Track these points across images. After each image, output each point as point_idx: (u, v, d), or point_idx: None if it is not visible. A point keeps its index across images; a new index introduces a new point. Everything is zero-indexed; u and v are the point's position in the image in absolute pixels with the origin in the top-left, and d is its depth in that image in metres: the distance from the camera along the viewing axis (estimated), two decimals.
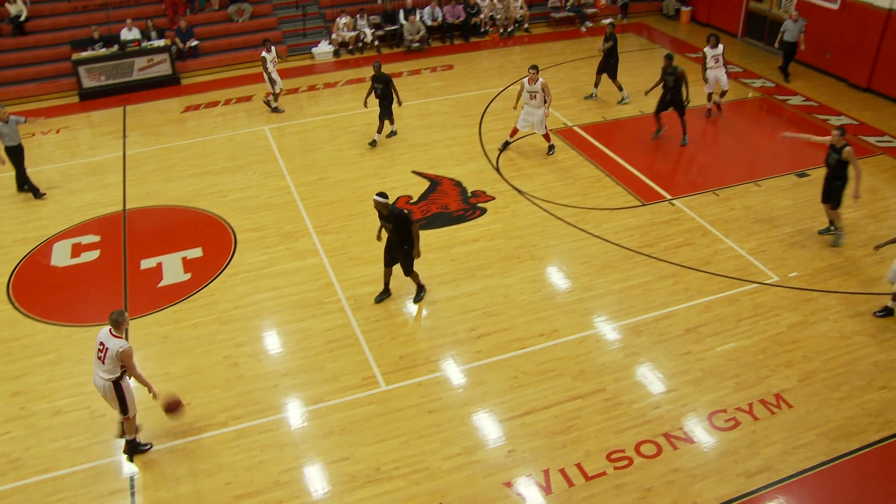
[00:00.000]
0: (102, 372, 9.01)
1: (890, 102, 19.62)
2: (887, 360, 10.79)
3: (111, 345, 8.89)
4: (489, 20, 25.50)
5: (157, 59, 21.56)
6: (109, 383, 9.01)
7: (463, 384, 10.52)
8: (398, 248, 11.65)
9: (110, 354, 8.87)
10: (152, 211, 15.12)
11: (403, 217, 11.38)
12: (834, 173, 13.03)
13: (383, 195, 11.27)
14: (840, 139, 12.79)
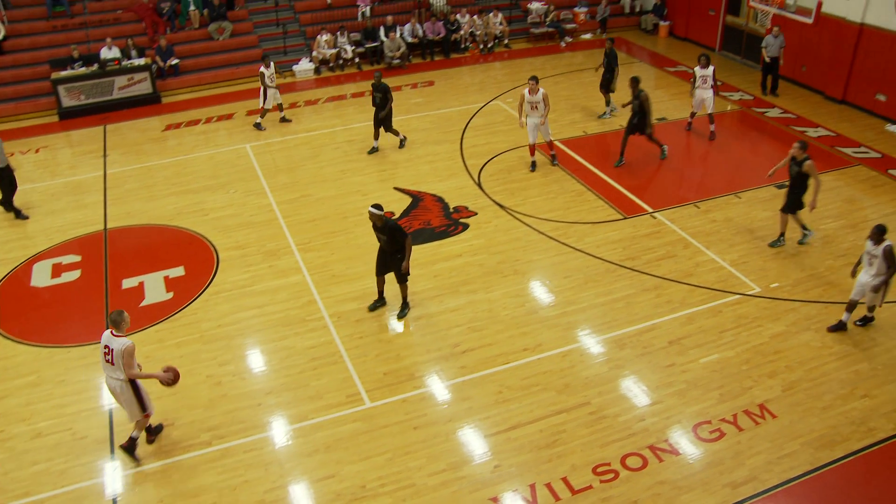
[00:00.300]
0: (115, 373, 9.15)
1: (864, 114, 19.87)
2: (868, 369, 10.87)
3: (115, 345, 9.01)
4: (469, 36, 25.63)
5: (137, 78, 21.50)
6: (125, 383, 9.17)
7: (448, 400, 10.49)
8: (392, 258, 11.73)
9: (117, 354, 9.00)
10: (133, 230, 15.04)
11: (398, 229, 11.47)
12: (795, 184, 13.32)
13: (378, 207, 11.34)
14: (801, 152, 13.04)
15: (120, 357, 9.01)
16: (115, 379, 9.20)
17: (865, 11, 19.49)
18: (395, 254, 11.68)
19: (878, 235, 10.69)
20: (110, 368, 9.17)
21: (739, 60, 24.33)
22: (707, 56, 17.83)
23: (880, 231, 10.68)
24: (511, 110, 20.30)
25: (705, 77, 17.74)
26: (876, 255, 10.77)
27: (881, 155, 17.54)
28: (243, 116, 20.45)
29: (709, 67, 17.71)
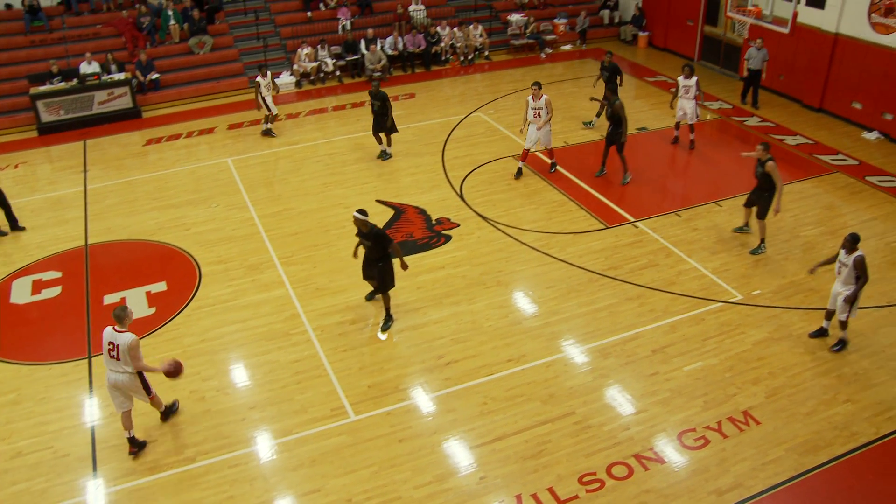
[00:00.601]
0: (121, 367, 9.44)
1: (841, 122, 20.08)
2: (851, 374, 10.95)
3: (121, 341, 9.32)
4: (449, 48, 25.71)
5: (117, 93, 21.41)
6: (132, 375, 9.51)
7: (432, 412, 10.47)
8: (374, 265, 11.81)
9: (123, 349, 9.31)
10: (115, 245, 14.95)
11: (382, 236, 11.58)
12: (761, 185, 13.62)
13: (363, 212, 11.52)
14: (764, 153, 13.36)
15: (126, 351, 9.30)
16: (122, 372, 9.47)
17: (839, 22, 19.76)
18: (377, 261, 11.76)
19: (851, 244, 10.71)
20: (116, 363, 9.43)
21: (718, 70, 24.55)
22: (691, 66, 17.81)
23: (853, 240, 10.70)
24: (493, 122, 20.37)
25: (687, 87, 17.74)
26: (846, 264, 10.81)
27: (858, 162, 17.73)
28: (224, 130, 20.41)
29: (692, 78, 17.68)
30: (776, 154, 16.96)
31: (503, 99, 22.20)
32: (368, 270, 12.07)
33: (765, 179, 13.47)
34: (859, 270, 10.68)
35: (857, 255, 10.66)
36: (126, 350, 9.30)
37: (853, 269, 10.70)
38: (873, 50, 19.04)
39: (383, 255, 11.71)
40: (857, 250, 10.70)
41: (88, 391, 11.03)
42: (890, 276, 13.35)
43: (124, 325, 9.40)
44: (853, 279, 10.78)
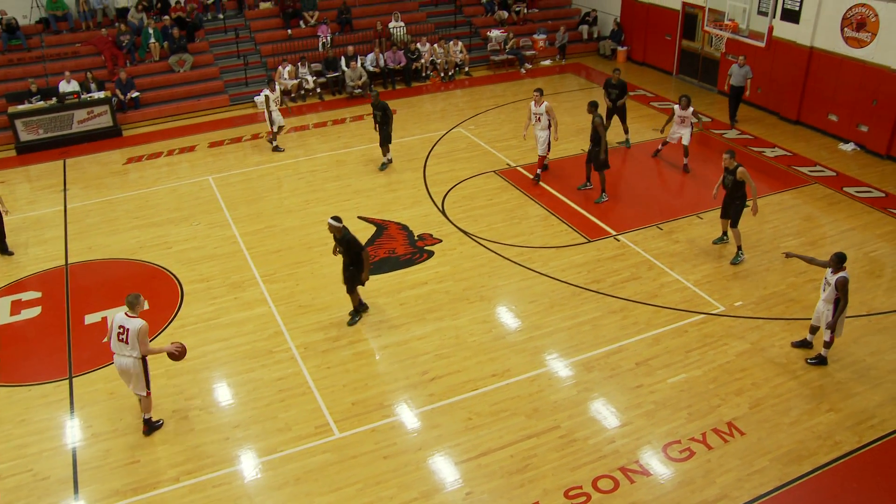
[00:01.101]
0: (127, 351, 9.82)
1: (818, 133, 20.31)
2: (832, 383, 11.02)
3: (131, 325, 9.71)
4: (430, 65, 25.82)
5: (97, 112, 21.33)
6: (137, 360, 9.85)
7: (417, 428, 10.44)
8: (346, 269, 12.30)
9: (132, 334, 9.70)
10: (96, 265, 14.85)
11: (354, 242, 11.98)
12: (732, 193, 13.71)
13: (337, 219, 11.95)
14: (731, 161, 13.50)
15: (136, 336, 9.68)
16: (129, 356, 9.84)
17: (814, 36, 20.03)
18: (349, 266, 12.21)
19: (837, 264, 10.64)
20: (124, 347, 9.81)
21: (696, 84, 24.78)
22: (688, 97, 17.47)
23: (839, 260, 10.63)
24: (474, 137, 20.45)
25: (683, 117, 17.51)
26: (830, 283, 10.80)
27: (836, 173, 17.92)
28: (205, 148, 20.36)
29: (688, 109, 17.39)
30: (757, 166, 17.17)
31: (484, 114, 22.29)
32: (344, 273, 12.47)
33: (736, 187, 13.58)
34: (840, 292, 10.65)
35: (841, 276, 10.60)
36: (135, 334, 9.68)
37: (835, 289, 10.70)
38: (847, 63, 19.30)
39: (356, 259, 12.12)
40: (843, 270, 10.65)
41: (69, 412, 10.92)
42: (869, 285, 13.47)
43: (135, 312, 9.80)
44: (833, 297, 10.78)
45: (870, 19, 18.53)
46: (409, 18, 27.26)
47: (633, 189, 17.36)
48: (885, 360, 11.55)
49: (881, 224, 15.55)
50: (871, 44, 18.64)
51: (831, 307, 10.84)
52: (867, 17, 18.60)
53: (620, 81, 19.01)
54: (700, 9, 23.13)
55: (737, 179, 13.43)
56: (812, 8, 19.87)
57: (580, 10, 29.75)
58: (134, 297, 9.87)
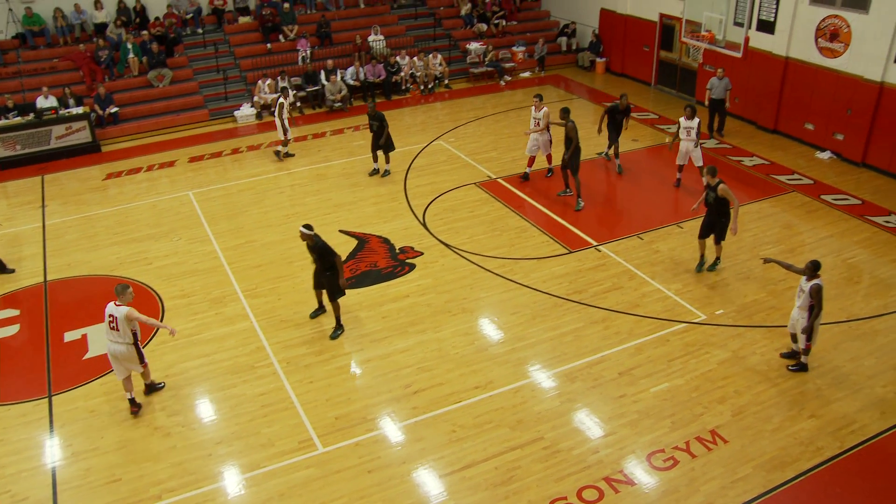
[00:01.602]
0: (119, 338, 10.48)
1: (795, 142, 20.52)
2: (813, 389, 11.10)
3: (118, 313, 10.36)
4: (409, 78, 25.87)
5: (75, 127, 21.18)
6: (129, 346, 10.56)
7: (401, 441, 10.41)
8: (323, 275, 12.48)
9: (121, 321, 10.36)
10: (75, 281, 14.73)
11: (327, 249, 12.22)
12: (716, 210, 13.58)
13: (308, 227, 12.17)
14: (712, 178, 13.41)
15: (124, 321, 10.36)
16: (120, 343, 10.51)
17: (789, 46, 20.26)
18: (325, 272, 12.39)
19: (812, 271, 10.73)
20: (115, 334, 10.48)
21: (674, 94, 24.98)
22: (693, 107, 17.16)
23: (814, 267, 10.72)
24: (454, 149, 20.49)
25: (689, 129, 17.00)
26: (804, 290, 10.87)
27: (813, 181, 18.10)
28: (185, 163, 20.28)
29: (694, 119, 16.98)
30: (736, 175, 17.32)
31: (464, 127, 22.35)
32: (318, 280, 12.67)
33: (719, 204, 13.45)
34: (814, 299, 10.74)
35: (815, 284, 10.70)
36: (123, 319, 10.33)
37: (809, 296, 10.78)
38: (822, 73, 19.53)
39: (330, 265, 12.32)
40: (817, 278, 10.75)
41: (49, 431, 10.80)
42: (847, 291, 13.60)
43: (123, 301, 10.43)
44: (807, 303, 10.86)
45: (842, 30, 18.78)
46: (388, 32, 27.32)
47: (613, 199, 17.45)
48: (864, 365, 11.65)
49: (858, 231, 15.71)
50: (845, 54, 18.88)
51: (806, 314, 10.93)
52: (840, 28, 18.84)
53: (628, 107, 18.52)
54: (677, 20, 23.35)
55: (718, 196, 13.37)
56: (787, 19, 20.11)
57: (559, 23, 29.95)
58: (122, 287, 10.50)
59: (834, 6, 18.96)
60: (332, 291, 12.50)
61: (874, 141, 18.60)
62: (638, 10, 25.83)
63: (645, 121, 22.49)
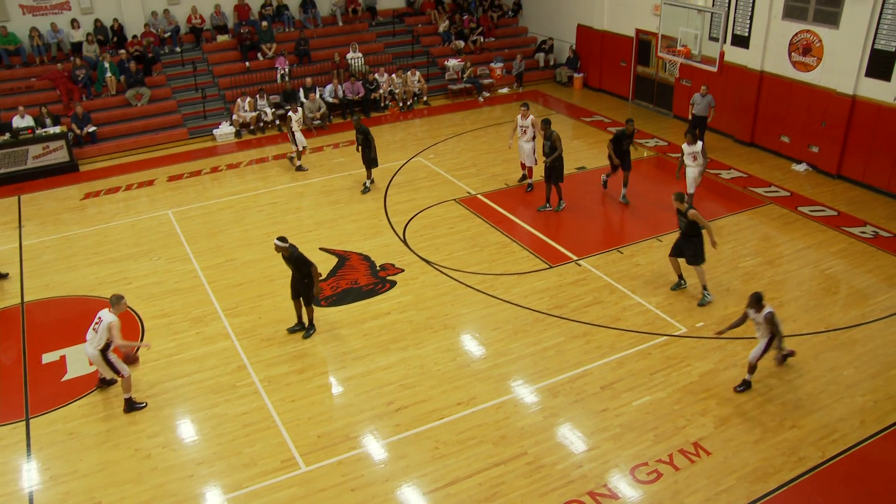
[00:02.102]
0: (94, 341, 10.86)
1: (772, 155, 20.73)
2: (794, 400, 11.17)
3: (105, 318, 10.78)
4: (388, 95, 25.92)
5: (52, 147, 21.03)
6: (97, 352, 10.87)
7: (384, 459, 10.37)
8: (300, 283, 12.75)
9: (103, 326, 10.75)
10: (53, 302, 14.60)
11: (302, 260, 12.55)
12: (688, 233, 13.45)
13: (282, 239, 12.55)
14: (682, 204, 13.27)
15: (105, 328, 10.72)
16: (92, 346, 10.90)
17: (763, 60, 20.53)
18: (302, 279, 12.70)
19: (756, 304, 10.93)
20: (92, 336, 10.91)
21: (652, 108, 25.19)
22: (694, 133, 16.36)
23: (757, 300, 10.92)
24: (433, 166, 20.54)
25: (694, 154, 16.28)
26: (759, 322, 11.06)
27: (790, 193, 18.29)
28: (164, 182, 20.19)
29: (696, 143, 16.28)
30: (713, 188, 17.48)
31: (443, 143, 22.41)
32: (296, 289, 12.91)
33: (690, 228, 13.38)
34: (771, 325, 10.92)
35: (767, 312, 10.91)
36: (106, 327, 10.70)
37: (766, 325, 10.96)
38: (796, 86, 19.78)
39: (307, 274, 12.60)
40: (766, 307, 10.95)
41: (26, 455, 10.67)
42: (826, 302, 13.72)
43: (116, 310, 10.87)
44: (767, 332, 11.05)
45: (814, 44, 19.05)
46: (366, 49, 27.38)
47: (592, 214, 17.52)
48: (843, 375, 11.75)
49: (835, 242, 15.87)
50: (818, 68, 19.14)
51: (765, 342, 11.16)
52: (812, 43, 19.11)
53: (634, 131, 17.65)
54: (653, 35, 23.56)
55: (689, 221, 13.28)
56: (760, 34, 20.37)
57: (536, 39, 30.15)
58: (117, 297, 10.98)
59: (806, 21, 19.24)
60: (308, 297, 12.87)
61: (848, 153, 18.83)
62: (614, 26, 26.06)
63: None
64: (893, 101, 17.54)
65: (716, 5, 21.33)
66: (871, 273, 14.72)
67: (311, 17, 27.91)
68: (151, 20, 25.69)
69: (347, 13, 28.63)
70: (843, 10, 18.21)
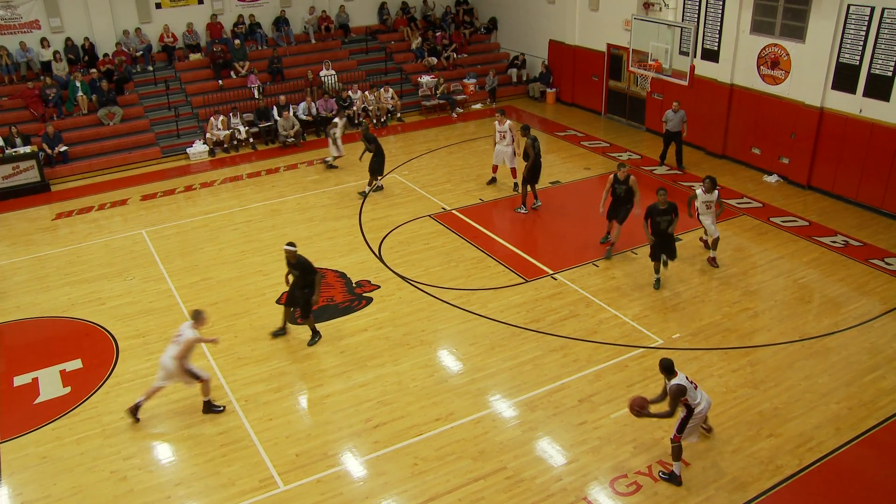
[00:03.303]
0: (172, 351, 11.15)
1: (743, 167, 20.97)
2: (770, 409, 11.25)
3: (187, 335, 11.12)
4: (362, 112, 25.94)
5: (23, 167, 20.82)
6: (175, 360, 11.10)
7: (363, 476, 10.32)
8: (300, 291, 13.01)
9: (182, 340, 11.10)
10: (24, 324, 14.41)
11: (308, 266, 12.83)
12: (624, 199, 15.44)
13: (292, 244, 12.86)
14: (624, 172, 15.19)
15: (182, 342, 11.07)
16: (170, 357, 11.14)
17: (733, 74, 20.82)
18: (303, 289, 12.95)
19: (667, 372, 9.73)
20: (171, 348, 11.20)
21: (625, 122, 25.40)
22: (713, 179, 15.12)
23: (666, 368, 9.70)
24: (408, 182, 20.56)
25: (709, 203, 15.22)
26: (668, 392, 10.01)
27: (762, 204, 18.50)
28: (138, 201, 20.04)
29: (713, 192, 15.09)
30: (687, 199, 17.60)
31: (417, 159, 22.45)
32: (292, 296, 13.19)
33: (627, 195, 15.23)
34: (671, 398, 9.66)
35: (672, 385, 9.67)
36: (183, 341, 11.06)
37: (664, 394, 9.96)
38: (765, 99, 20.06)
39: (309, 283, 12.87)
40: (675, 376, 9.72)
41: None
42: (800, 311, 13.86)
43: (199, 324, 11.26)
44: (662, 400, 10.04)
45: (782, 58, 19.35)
46: (339, 66, 27.43)
47: (567, 228, 17.60)
48: (818, 383, 11.87)
49: (807, 252, 16.05)
50: (786, 81, 19.44)
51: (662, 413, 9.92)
52: (780, 56, 19.41)
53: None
54: (625, 50, 23.78)
55: (629, 187, 14.85)
56: (729, 48, 20.67)
57: (509, 54, 30.34)
58: (196, 312, 11.36)
59: (773, 35, 19.55)
60: (305, 308, 13.08)
61: (818, 164, 19.09)
62: (586, 41, 26.29)
63: (597, 149, 22.82)
64: (860, 113, 17.84)
65: (685, 20, 21.61)
66: (842, 282, 14.90)
67: (283, 34, 27.90)
68: (123, 39, 25.57)
69: (320, 31, 28.67)
70: (809, 25, 18.55)
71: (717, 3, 20.80)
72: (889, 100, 17.24)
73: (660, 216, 14.13)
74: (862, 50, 17.54)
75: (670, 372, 9.69)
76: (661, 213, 14.15)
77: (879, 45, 17.17)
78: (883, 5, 16.91)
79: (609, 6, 24.75)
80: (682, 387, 9.56)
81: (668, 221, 14.01)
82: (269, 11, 28.11)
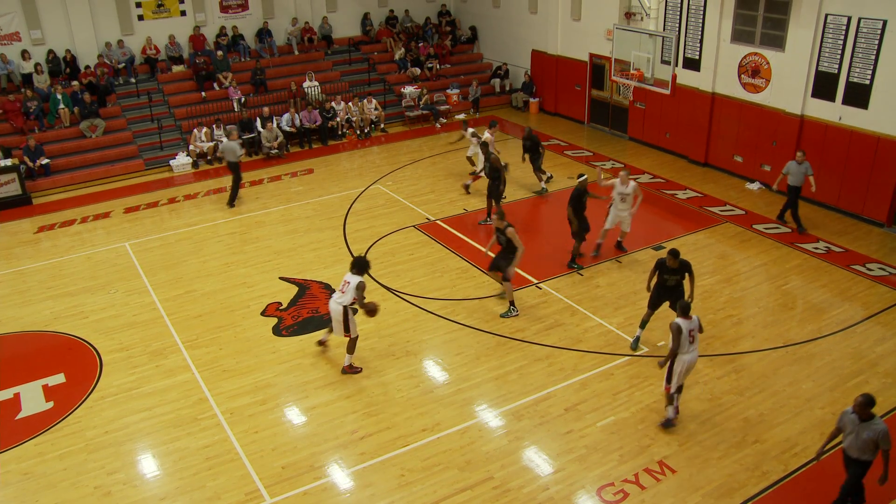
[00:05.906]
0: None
1: (726, 174, 21.11)
2: (756, 415, 11.30)
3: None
4: (346, 123, 25.95)
5: (3, 180, 20.66)
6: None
7: (350, 488, 10.28)
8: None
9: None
10: (5, 339, 14.28)
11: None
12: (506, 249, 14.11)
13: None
14: (501, 222, 13.95)
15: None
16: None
17: (715, 82, 20.98)
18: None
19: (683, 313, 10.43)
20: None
21: (608, 131, 25.51)
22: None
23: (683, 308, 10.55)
24: (392, 193, 20.57)
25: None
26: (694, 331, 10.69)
27: (745, 212, 18.61)
28: (121, 214, 19.94)
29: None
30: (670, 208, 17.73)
31: (401, 170, 22.46)
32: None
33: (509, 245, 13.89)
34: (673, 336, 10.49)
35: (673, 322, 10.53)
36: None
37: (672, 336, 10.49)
38: (746, 107, 20.22)
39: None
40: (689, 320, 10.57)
41: None
42: (783, 317, 13.94)
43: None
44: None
45: (763, 67, 19.53)
46: (323, 78, 27.46)
47: (550, 237, 17.64)
48: (802, 388, 11.93)
49: (790, 258, 16.16)
50: (767, 89, 19.62)
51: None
52: (760, 65, 19.59)
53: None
54: (607, 59, 23.92)
55: (507, 238, 13.83)
56: (710, 57, 20.83)
57: (491, 65, 30.47)
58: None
59: (753, 44, 19.73)
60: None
61: None
62: (568, 51, 26.42)
63: (580, 158, 22.91)
64: (839, 120, 18.01)
65: (667, 29, 21.77)
66: (825, 288, 15.01)
67: (266, 46, 27.91)
68: (105, 51, 25.49)
69: (303, 42, 28.69)
70: (788, 34, 18.75)
71: (698, 13, 20.99)
72: (867, 107, 17.43)
73: (668, 273, 12.39)
74: (840, 58, 17.73)
75: (685, 313, 10.57)
76: (670, 272, 12.37)
77: (857, 53, 17.36)
78: (859, 15, 17.11)
79: (591, 16, 24.90)
80: (678, 325, 10.44)
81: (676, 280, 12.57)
82: (252, 23, 28.13)
